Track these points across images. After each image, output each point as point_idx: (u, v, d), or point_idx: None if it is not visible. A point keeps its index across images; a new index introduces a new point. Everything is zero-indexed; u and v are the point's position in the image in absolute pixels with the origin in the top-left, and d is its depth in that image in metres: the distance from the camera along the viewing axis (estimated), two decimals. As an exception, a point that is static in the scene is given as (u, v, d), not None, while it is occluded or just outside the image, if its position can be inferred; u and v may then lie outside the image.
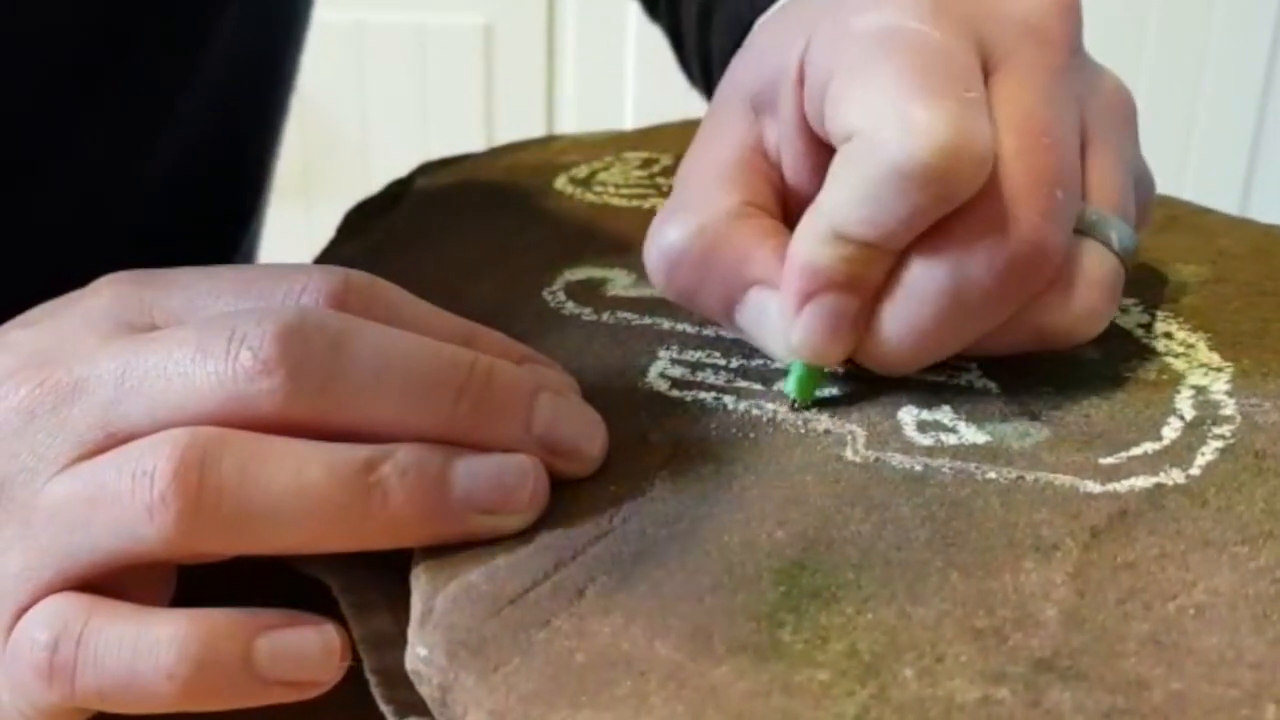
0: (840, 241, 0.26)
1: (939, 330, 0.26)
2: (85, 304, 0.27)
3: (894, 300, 0.26)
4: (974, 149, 0.24)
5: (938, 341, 0.26)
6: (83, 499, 0.24)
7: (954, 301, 0.26)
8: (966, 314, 0.26)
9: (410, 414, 0.25)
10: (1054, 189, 0.26)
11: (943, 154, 0.24)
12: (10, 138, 0.41)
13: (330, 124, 1.43)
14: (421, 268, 0.36)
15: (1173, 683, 0.20)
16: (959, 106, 0.25)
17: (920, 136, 0.24)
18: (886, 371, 0.28)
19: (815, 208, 0.26)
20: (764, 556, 0.24)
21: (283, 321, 0.24)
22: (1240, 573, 0.23)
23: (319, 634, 0.24)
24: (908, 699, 0.20)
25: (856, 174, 0.25)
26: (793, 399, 0.28)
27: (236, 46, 0.46)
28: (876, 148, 0.25)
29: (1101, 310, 0.27)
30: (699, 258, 0.28)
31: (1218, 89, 1.45)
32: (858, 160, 0.25)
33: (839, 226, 0.26)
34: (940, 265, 0.26)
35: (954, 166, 0.24)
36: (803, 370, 0.28)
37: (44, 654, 0.24)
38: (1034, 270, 0.26)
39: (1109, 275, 0.27)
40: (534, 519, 0.25)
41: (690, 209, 0.28)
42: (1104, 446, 0.26)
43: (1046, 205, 0.25)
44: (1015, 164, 0.25)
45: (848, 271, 0.26)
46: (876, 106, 0.25)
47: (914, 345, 0.26)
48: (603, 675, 0.21)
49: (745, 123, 0.30)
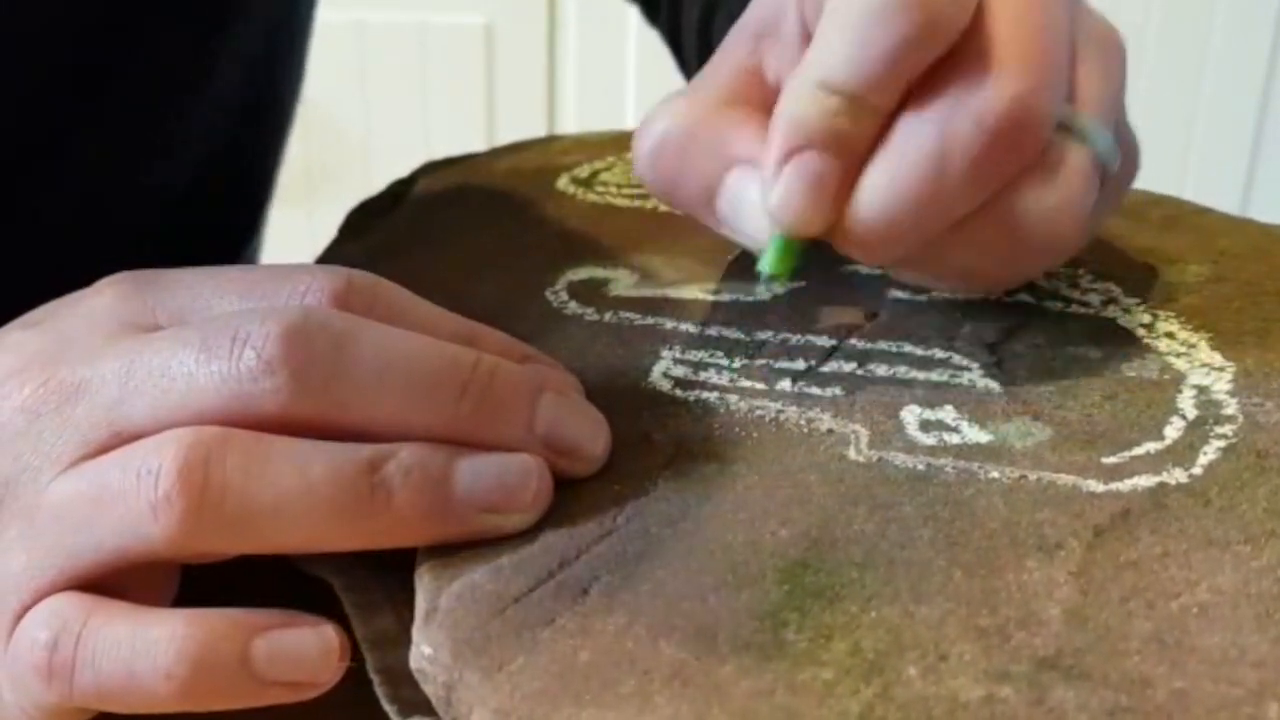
0: (825, 94, 0.25)
1: (920, 197, 0.25)
2: (89, 304, 0.27)
3: (877, 162, 0.25)
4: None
5: (917, 212, 0.25)
6: (87, 498, 0.24)
7: (939, 163, 0.25)
8: (950, 180, 0.25)
9: (413, 413, 0.25)
10: (1048, 52, 0.25)
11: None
12: (15, 139, 0.41)
13: (331, 124, 1.44)
14: (423, 268, 0.36)
15: (1176, 681, 0.20)
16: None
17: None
18: (860, 255, 0.27)
19: (801, 66, 0.26)
20: (767, 556, 0.24)
21: (286, 321, 0.24)
22: (1243, 572, 0.23)
23: (317, 635, 0.24)
24: (911, 698, 0.20)
25: (840, 20, 0.25)
26: (767, 275, 0.27)
27: (244, 51, 0.46)
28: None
29: (1077, 207, 0.26)
30: (681, 141, 0.28)
31: (1218, 89, 1.45)
32: (841, 9, 0.25)
33: (825, 77, 0.25)
34: (927, 123, 0.25)
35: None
36: (780, 241, 0.27)
37: (43, 653, 0.24)
38: (1021, 135, 0.25)
39: (1086, 172, 0.26)
40: (537, 518, 0.25)
41: (677, 100, 0.28)
42: (1106, 446, 0.26)
43: (1040, 64, 0.25)
44: (1008, 28, 0.25)
45: (833, 128, 0.25)
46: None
47: (893, 214, 0.25)
48: (607, 674, 0.21)
49: (745, 50, 0.30)
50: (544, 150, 0.47)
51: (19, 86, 0.40)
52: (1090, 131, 0.27)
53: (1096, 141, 0.27)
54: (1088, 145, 0.27)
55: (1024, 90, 0.25)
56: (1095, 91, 0.27)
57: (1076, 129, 0.27)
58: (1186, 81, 1.44)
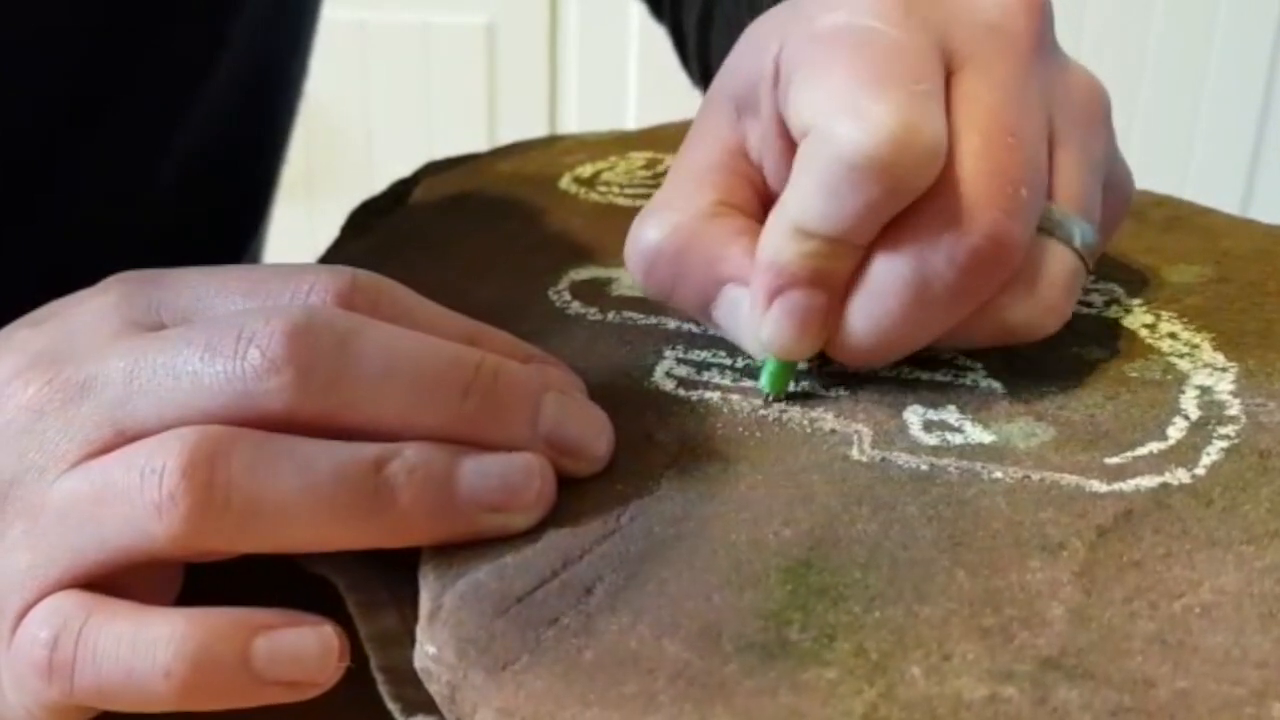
0: (803, 237, 0.26)
1: (904, 324, 0.26)
2: (93, 303, 0.27)
3: (859, 295, 0.27)
4: (922, 139, 0.25)
5: (903, 335, 0.27)
6: (91, 497, 0.24)
7: (917, 295, 0.26)
8: (929, 308, 0.26)
9: (417, 413, 0.25)
10: (1017, 186, 0.26)
11: (891, 145, 0.25)
12: (20, 142, 0.41)
13: (334, 123, 1.44)
14: (426, 267, 0.36)
15: (1179, 681, 0.20)
16: (907, 98, 0.25)
17: (869, 129, 0.25)
18: (857, 366, 0.28)
19: (779, 205, 0.27)
20: (771, 555, 0.24)
21: (291, 320, 0.24)
22: (1246, 572, 0.23)
23: (317, 634, 0.24)
24: (915, 697, 0.20)
25: (813, 169, 0.26)
26: (766, 394, 0.28)
27: (247, 52, 0.46)
28: (828, 142, 0.25)
29: (1061, 308, 0.28)
30: (674, 256, 0.29)
31: (1220, 89, 1.45)
32: (813, 155, 0.26)
33: (800, 222, 0.26)
34: (903, 259, 0.26)
35: (902, 157, 0.25)
36: (775, 365, 0.28)
37: (44, 651, 0.24)
38: (995, 265, 0.26)
39: (1069, 274, 0.28)
40: (541, 517, 0.25)
41: (667, 209, 0.29)
42: (1109, 446, 0.26)
43: (1008, 202, 0.26)
44: (978, 161, 0.26)
45: (813, 267, 0.26)
46: (828, 101, 0.26)
47: (880, 339, 0.27)
48: (611, 673, 0.21)
49: (728, 124, 0.30)
50: (546, 150, 0.47)
51: (22, 86, 0.40)
52: (1069, 228, 0.27)
53: (1075, 237, 0.28)
54: (1068, 242, 0.27)
55: (993, 224, 0.26)
56: (1073, 179, 0.28)
57: (1056, 228, 0.27)
58: (1188, 82, 1.44)
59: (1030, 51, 0.28)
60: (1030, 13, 0.28)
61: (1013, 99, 0.27)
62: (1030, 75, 0.28)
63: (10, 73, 0.40)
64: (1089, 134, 0.29)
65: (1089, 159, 0.28)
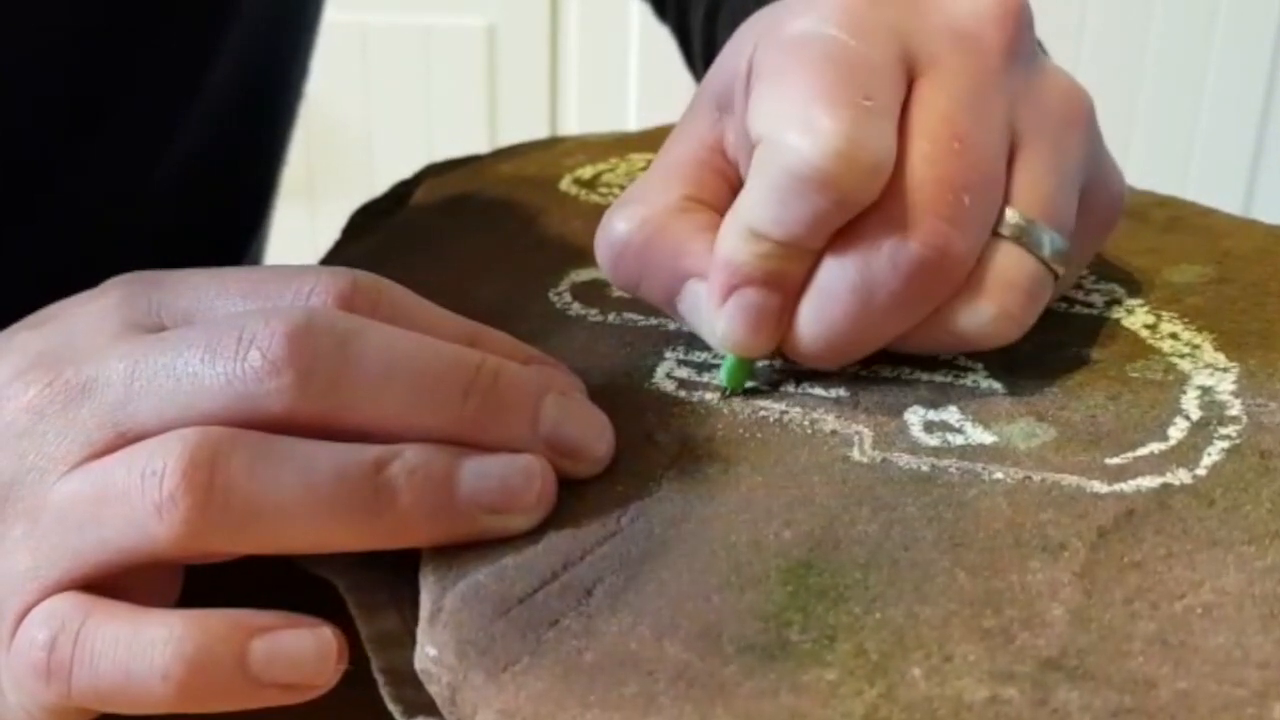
0: (756, 239, 0.27)
1: (851, 328, 0.27)
2: (94, 305, 0.27)
3: (809, 297, 0.27)
4: (866, 155, 0.25)
5: (851, 339, 0.27)
6: (91, 498, 0.24)
7: (862, 301, 0.26)
8: (875, 314, 0.27)
9: (418, 414, 0.25)
10: (960, 194, 0.26)
11: (835, 159, 0.25)
12: (20, 144, 0.41)
13: (334, 125, 1.44)
14: (427, 269, 0.36)
15: (1179, 682, 0.20)
16: (855, 114, 0.25)
17: (815, 143, 0.25)
18: (811, 365, 0.28)
19: (735, 206, 0.27)
20: (771, 556, 0.24)
21: (291, 322, 0.24)
22: (1247, 572, 0.23)
23: (315, 636, 0.24)
24: (916, 698, 0.20)
25: (764, 175, 0.26)
26: (724, 387, 0.29)
27: (246, 54, 0.46)
28: (778, 151, 0.26)
29: (1016, 315, 0.27)
30: (640, 249, 0.29)
31: (1221, 89, 1.45)
32: (764, 163, 0.26)
33: (752, 225, 0.27)
34: (848, 265, 0.26)
35: (845, 172, 0.25)
36: (733, 361, 0.28)
37: (42, 653, 0.24)
38: (937, 274, 0.26)
39: (1025, 279, 0.27)
40: (541, 519, 0.25)
41: (636, 202, 0.29)
42: (1110, 447, 0.26)
43: (950, 210, 0.26)
44: (923, 168, 0.26)
45: (765, 268, 0.27)
46: (781, 111, 0.26)
47: (829, 342, 0.27)
48: (611, 674, 0.21)
49: (708, 122, 0.31)
50: (547, 152, 0.47)
51: (22, 87, 0.41)
52: (1030, 234, 0.27)
53: (1036, 243, 0.27)
54: (1028, 248, 0.27)
55: (935, 234, 0.26)
56: (1037, 184, 0.28)
57: (1017, 234, 0.27)
58: (1189, 82, 1.44)
59: (998, 58, 0.28)
60: (1004, 21, 0.28)
61: (967, 106, 0.27)
62: (993, 82, 0.28)
63: (9, 73, 0.40)
64: (1062, 139, 0.29)
65: (1059, 164, 0.28)
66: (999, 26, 0.28)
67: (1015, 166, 0.28)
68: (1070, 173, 0.29)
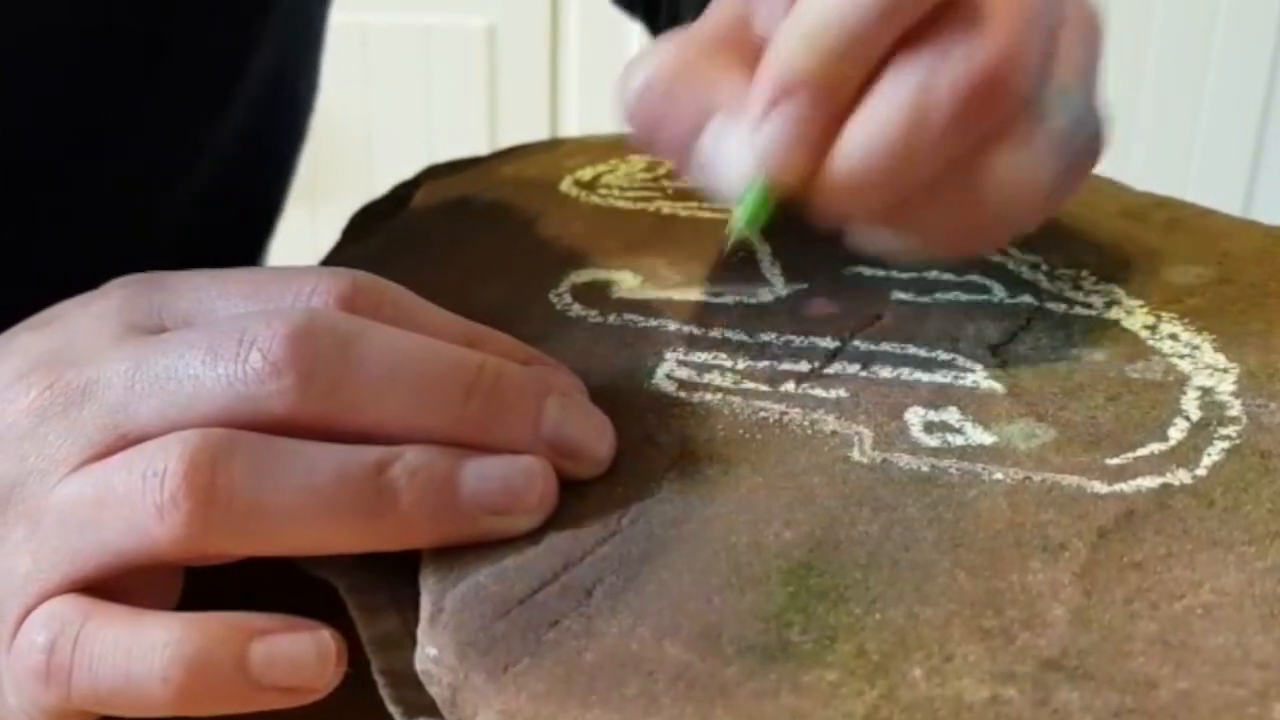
0: (816, 44, 0.26)
1: (898, 149, 0.26)
2: (95, 306, 0.27)
3: (858, 117, 0.26)
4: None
5: (893, 164, 0.26)
6: (93, 500, 0.24)
7: (918, 118, 0.25)
8: (927, 134, 0.26)
9: (419, 415, 0.25)
10: (1029, 17, 0.26)
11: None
12: (51, 141, 0.41)
13: (335, 126, 1.44)
14: (427, 270, 0.36)
15: (1180, 682, 0.20)
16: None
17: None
18: (833, 207, 0.27)
19: (792, 15, 0.26)
20: (772, 557, 0.24)
21: (292, 323, 0.24)
22: (1247, 572, 0.23)
23: (314, 639, 0.24)
24: (916, 699, 0.20)
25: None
26: (738, 228, 0.27)
27: (271, 65, 0.46)
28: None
29: (1043, 174, 0.27)
30: (668, 85, 0.28)
31: (1221, 90, 1.45)
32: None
33: (812, 30, 0.26)
34: (908, 80, 0.26)
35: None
36: (756, 194, 0.27)
37: (41, 656, 0.24)
38: (996, 98, 0.26)
39: (1056, 143, 0.27)
40: (542, 520, 0.25)
41: (664, 46, 0.28)
42: (1110, 447, 0.26)
43: (1020, 40, 0.26)
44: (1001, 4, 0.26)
45: (821, 75, 0.26)
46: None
47: (870, 165, 0.26)
48: (612, 675, 0.21)
49: (734, 4, 0.30)
50: (547, 153, 0.47)
51: (54, 98, 0.41)
52: (1064, 101, 0.27)
53: (1068, 109, 0.27)
54: (1060, 115, 0.27)
55: (1002, 55, 0.25)
56: (1076, 57, 0.28)
57: (1052, 98, 0.27)
58: (1189, 83, 1.44)
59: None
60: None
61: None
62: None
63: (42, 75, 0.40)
64: (1089, 35, 0.28)
65: (1088, 53, 0.28)
66: None
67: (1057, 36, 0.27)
68: (1095, 64, 0.28)
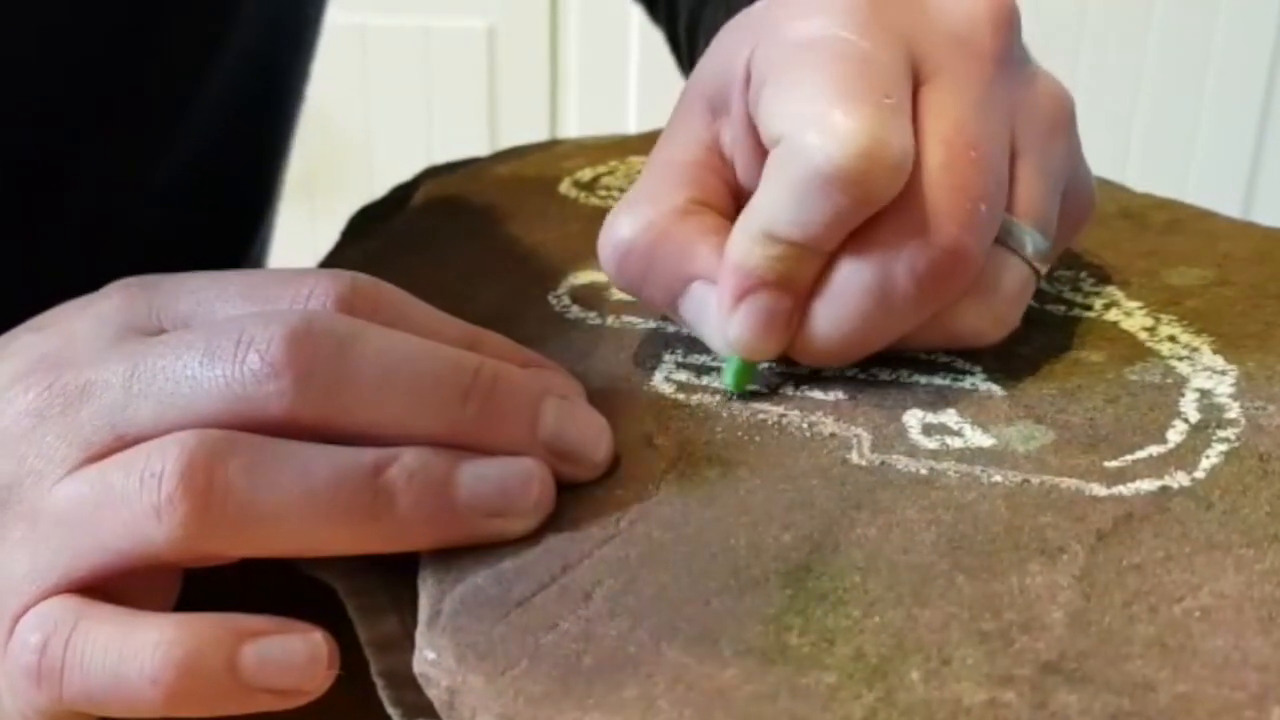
0: (771, 242, 0.27)
1: (863, 328, 0.27)
2: (94, 308, 0.27)
3: (823, 299, 0.27)
4: (890, 153, 0.26)
5: (863, 338, 0.28)
6: (90, 501, 0.24)
7: (877, 302, 0.27)
8: (888, 314, 0.27)
9: (416, 417, 0.25)
10: (977, 202, 0.27)
11: (860, 157, 0.25)
12: (20, 144, 0.41)
13: (334, 128, 1.44)
14: (426, 272, 0.36)
15: (1179, 685, 0.20)
16: (876, 112, 0.26)
17: (839, 141, 0.25)
18: (817, 365, 0.29)
19: (748, 209, 0.28)
20: (770, 560, 0.24)
21: (290, 325, 0.24)
22: (1246, 575, 0.23)
23: (305, 642, 0.24)
24: (915, 702, 0.20)
25: (783, 177, 0.26)
26: (729, 390, 0.29)
27: (247, 56, 0.46)
28: (799, 152, 0.26)
29: (1009, 318, 0.29)
30: (645, 252, 0.29)
31: (1221, 91, 1.45)
32: (784, 164, 0.27)
33: (769, 227, 0.27)
34: (865, 267, 0.27)
35: (870, 170, 0.25)
36: (739, 363, 0.28)
37: (33, 656, 0.24)
38: (952, 278, 0.27)
39: (1019, 283, 0.29)
40: (539, 523, 0.25)
41: (641, 204, 0.29)
42: (1109, 450, 0.26)
43: (968, 217, 0.27)
44: (941, 174, 0.27)
45: (779, 270, 0.27)
46: (800, 113, 0.26)
47: (840, 342, 0.28)
48: (610, 678, 0.21)
49: (703, 122, 0.31)
50: (546, 154, 0.47)
51: (36, 92, 0.41)
52: (1024, 239, 0.28)
53: (1028, 246, 0.29)
54: (1021, 254, 0.28)
55: (953, 239, 0.26)
56: (1032, 190, 0.29)
57: (1012, 239, 0.28)
58: (1188, 84, 1.44)
59: (995, 64, 0.29)
60: (997, 26, 0.29)
61: (977, 113, 0.28)
62: (995, 88, 0.28)
63: (9, 73, 0.40)
64: (1050, 145, 0.29)
65: (1049, 170, 0.29)
66: (994, 32, 0.29)
67: (1013, 172, 0.28)
68: (1056, 176, 0.29)
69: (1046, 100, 0.30)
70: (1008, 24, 0.29)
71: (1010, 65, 0.29)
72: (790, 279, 0.27)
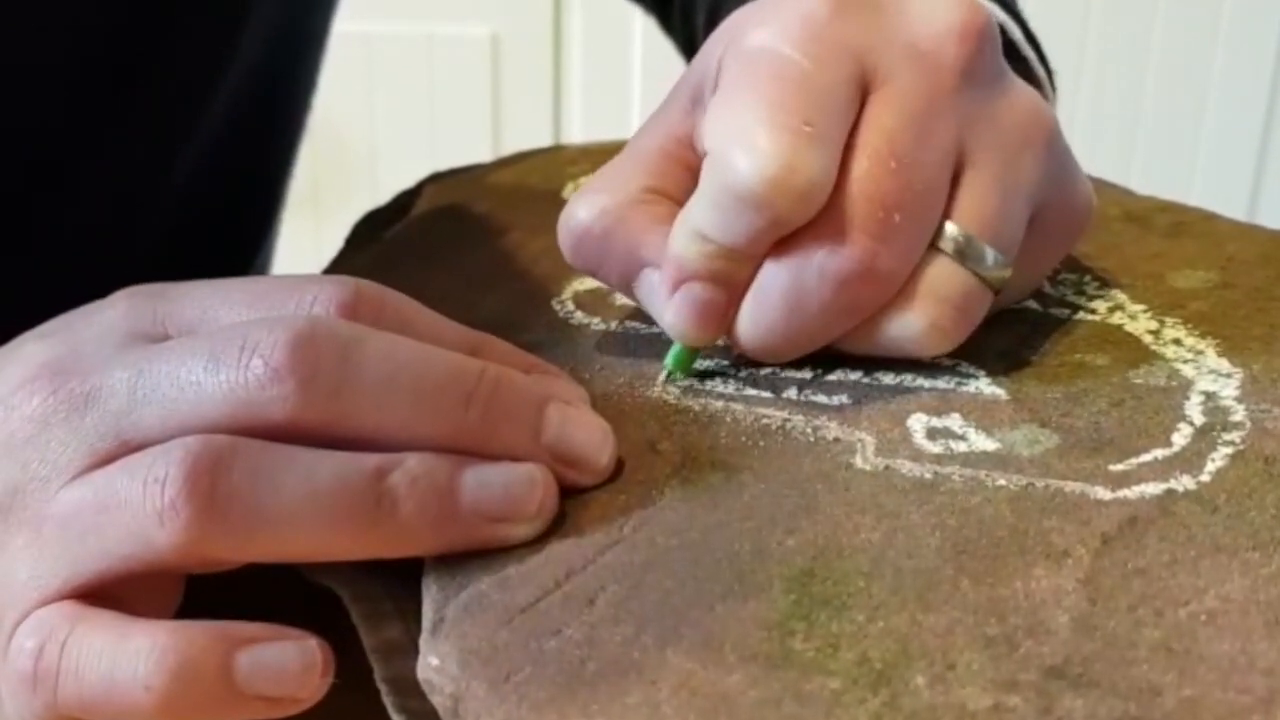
0: (702, 240, 0.28)
1: (784, 329, 0.28)
2: (100, 315, 0.27)
3: (748, 298, 0.28)
4: (797, 181, 0.26)
5: (785, 340, 0.29)
6: (94, 506, 0.24)
7: (793, 307, 0.28)
8: (805, 317, 0.28)
9: (420, 422, 0.25)
10: (891, 212, 0.27)
11: (768, 183, 0.26)
12: (35, 152, 0.41)
13: (339, 134, 1.44)
14: (430, 278, 0.36)
15: (1184, 689, 0.20)
16: (793, 139, 0.26)
17: (752, 164, 0.26)
18: (757, 359, 0.30)
19: (686, 207, 0.29)
20: (774, 564, 0.24)
21: (294, 330, 0.24)
22: (1251, 578, 0.23)
23: (299, 649, 0.24)
24: (919, 707, 0.20)
25: (709, 187, 0.28)
26: (668, 371, 0.30)
27: (257, 64, 0.46)
28: (721, 167, 0.27)
29: (945, 327, 0.28)
30: (600, 237, 0.30)
31: (1225, 94, 1.45)
32: (711, 174, 0.28)
33: (699, 228, 0.28)
34: (782, 273, 0.28)
35: (777, 196, 0.26)
36: (678, 348, 0.30)
37: (29, 661, 0.24)
38: (864, 289, 0.27)
39: (957, 293, 0.28)
40: (543, 528, 0.25)
41: (600, 191, 0.30)
42: (1114, 453, 0.26)
43: (879, 228, 0.27)
44: (857, 186, 0.27)
45: (709, 267, 0.28)
46: (727, 129, 0.27)
47: (765, 339, 0.29)
48: (614, 684, 0.21)
49: (680, 113, 0.31)
50: (550, 160, 0.47)
51: (48, 96, 0.41)
52: (966, 249, 0.28)
53: (974, 258, 0.28)
54: (963, 264, 0.28)
55: (862, 251, 0.27)
56: (980, 202, 0.29)
57: (955, 250, 0.28)
58: (1193, 87, 1.44)
59: (953, 77, 0.29)
60: (964, 38, 0.29)
61: (911, 124, 0.28)
62: (944, 101, 0.28)
63: (24, 74, 0.40)
64: (1016, 159, 0.29)
65: (1007, 183, 0.29)
66: (958, 45, 0.29)
67: (961, 183, 0.28)
68: (1019, 191, 0.29)
69: (1019, 114, 0.30)
70: (976, 37, 0.29)
71: (976, 78, 0.29)
72: (722, 275, 0.28)
